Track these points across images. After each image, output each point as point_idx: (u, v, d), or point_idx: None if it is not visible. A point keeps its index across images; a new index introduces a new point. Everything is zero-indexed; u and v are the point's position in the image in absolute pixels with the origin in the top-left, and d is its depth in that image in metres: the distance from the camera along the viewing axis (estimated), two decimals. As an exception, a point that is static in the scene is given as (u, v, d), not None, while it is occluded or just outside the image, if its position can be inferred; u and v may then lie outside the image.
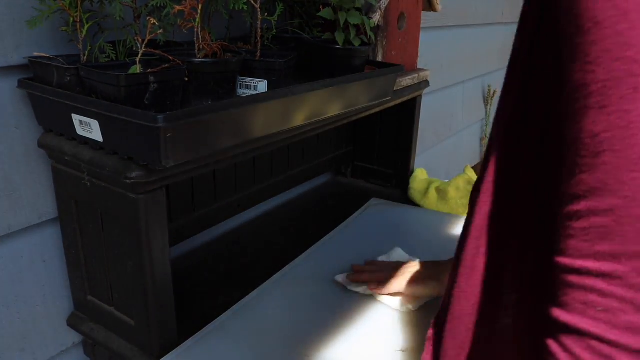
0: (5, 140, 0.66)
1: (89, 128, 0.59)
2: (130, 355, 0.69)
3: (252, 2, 0.69)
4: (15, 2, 0.63)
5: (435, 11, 1.19)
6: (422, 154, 1.82)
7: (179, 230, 0.88)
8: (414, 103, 1.17)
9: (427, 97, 1.58)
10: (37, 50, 0.65)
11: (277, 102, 0.67)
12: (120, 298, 0.69)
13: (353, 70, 0.84)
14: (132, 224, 0.61)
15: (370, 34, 0.85)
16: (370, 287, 0.77)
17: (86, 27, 0.61)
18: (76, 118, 0.60)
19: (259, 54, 0.72)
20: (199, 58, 0.64)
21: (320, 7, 0.85)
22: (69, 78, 0.60)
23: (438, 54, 1.75)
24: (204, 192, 0.92)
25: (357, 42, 0.84)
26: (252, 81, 0.71)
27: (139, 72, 0.58)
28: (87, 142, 0.62)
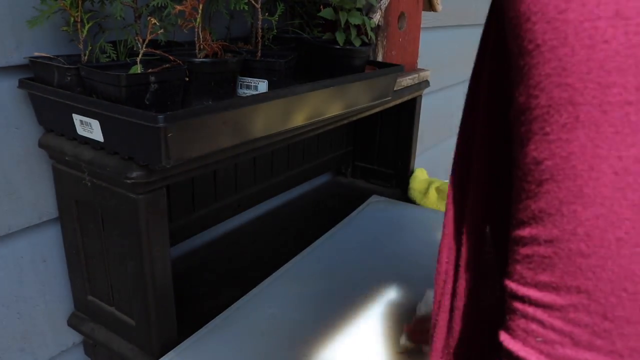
0: (5, 140, 0.66)
1: (90, 128, 0.59)
2: (131, 355, 0.69)
3: (253, 2, 0.70)
4: (16, 2, 0.63)
5: (435, 11, 1.19)
6: (422, 154, 1.82)
7: (179, 230, 0.88)
8: (414, 103, 1.17)
9: (427, 97, 1.58)
10: (37, 50, 0.65)
11: (278, 102, 0.67)
12: (120, 298, 0.69)
13: (353, 70, 0.84)
14: (133, 224, 0.61)
15: (370, 34, 0.86)
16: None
17: (87, 27, 0.61)
18: (77, 118, 0.60)
19: (259, 54, 0.72)
20: (200, 58, 0.64)
21: (321, 7, 0.85)
22: (69, 78, 0.60)
23: (438, 54, 1.75)
24: (204, 192, 0.92)
25: (357, 42, 0.84)
26: (252, 81, 0.71)
27: (139, 72, 0.58)
28: (87, 142, 0.62)
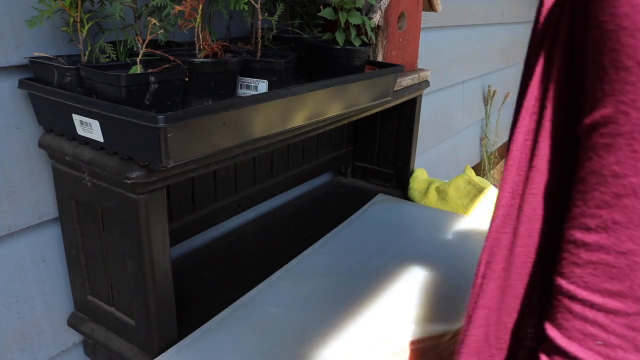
0: (5, 140, 0.66)
1: (90, 128, 0.59)
2: (131, 355, 0.69)
3: (253, 2, 0.70)
4: (16, 2, 0.63)
5: (435, 11, 1.19)
6: (422, 154, 1.82)
7: (179, 230, 0.88)
8: (414, 103, 1.17)
9: (427, 97, 1.58)
10: (37, 50, 0.65)
11: (278, 102, 0.67)
12: (120, 298, 0.69)
13: (353, 71, 0.84)
14: (133, 224, 0.61)
15: (370, 34, 0.85)
16: None
17: (86, 27, 0.61)
18: (77, 118, 0.60)
19: (259, 54, 0.72)
20: (200, 58, 0.64)
21: (321, 7, 0.85)
22: (69, 78, 0.60)
23: (438, 54, 1.75)
24: (204, 192, 0.92)
25: (357, 42, 0.84)
26: (252, 81, 0.71)
27: (139, 72, 0.58)
28: (87, 142, 0.62)
